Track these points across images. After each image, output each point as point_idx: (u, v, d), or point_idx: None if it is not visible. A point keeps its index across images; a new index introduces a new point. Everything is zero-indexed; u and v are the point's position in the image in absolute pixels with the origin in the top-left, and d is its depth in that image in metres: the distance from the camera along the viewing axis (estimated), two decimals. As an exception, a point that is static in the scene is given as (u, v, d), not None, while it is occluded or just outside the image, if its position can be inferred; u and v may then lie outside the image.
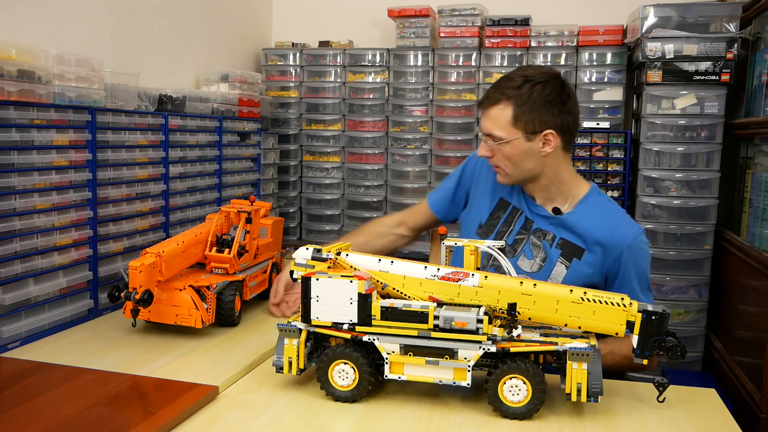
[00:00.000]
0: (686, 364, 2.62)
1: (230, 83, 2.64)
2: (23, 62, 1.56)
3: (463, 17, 2.99)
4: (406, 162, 3.09)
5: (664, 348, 1.16)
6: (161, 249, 1.51)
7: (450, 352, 1.19)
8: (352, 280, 1.21)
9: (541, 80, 1.50)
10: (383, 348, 1.22)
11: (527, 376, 1.17)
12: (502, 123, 1.50)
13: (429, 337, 1.19)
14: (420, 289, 1.26)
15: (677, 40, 2.54)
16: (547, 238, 1.58)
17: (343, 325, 1.23)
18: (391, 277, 1.28)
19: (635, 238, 1.53)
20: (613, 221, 1.56)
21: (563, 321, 1.21)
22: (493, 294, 1.22)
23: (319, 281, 1.23)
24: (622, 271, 1.53)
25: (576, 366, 1.16)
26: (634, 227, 1.56)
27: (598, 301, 1.18)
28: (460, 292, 1.24)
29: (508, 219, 1.63)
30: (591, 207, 1.59)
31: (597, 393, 1.16)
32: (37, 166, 1.60)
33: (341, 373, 1.23)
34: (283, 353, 1.26)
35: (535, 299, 1.21)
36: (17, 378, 1.30)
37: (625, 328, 1.18)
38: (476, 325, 1.17)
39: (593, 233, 1.54)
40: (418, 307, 1.20)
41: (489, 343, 1.17)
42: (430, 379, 1.21)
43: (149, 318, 1.56)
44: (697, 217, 2.57)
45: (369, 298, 1.21)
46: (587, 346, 1.16)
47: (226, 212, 1.72)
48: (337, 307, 1.23)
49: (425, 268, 1.27)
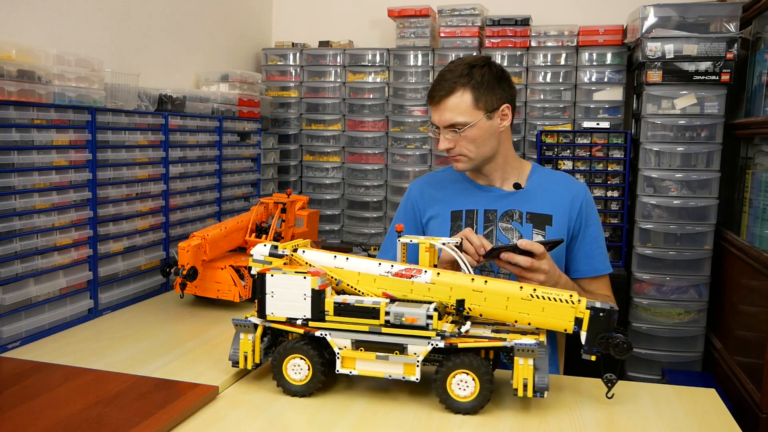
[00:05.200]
0: (686, 364, 2.63)
1: (230, 83, 2.64)
2: (23, 62, 1.56)
3: (463, 17, 2.99)
4: (406, 162, 3.09)
5: (610, 344, 1.18)
6: (206, 233, 1.78)
7: (400, 348, 1.21)
8: (305, 276, 1.24)
9: (483, 63, 1.60)
10: (335, 343, 1.24)
11: (475, 371, 1.18)
12: (464, 108, 1.57)
13: (379, 332, 1.22)
14: (374, 285, 1.29)
15: (677, 40, 2.54)
16: (515, 217, 1.64)
17: (297, 321, 1.26)
18: (346, 273, 1.31)
19: (587, 192, 1.69)
20: (565, 183, 1.70)
21: (513, 317, 1.23)
22: (445, 290, 1.25)
23: (274, 277, 1.26)
24: (584, 222, 1.65)
25: (522, 362, 1.17)
26: (582, 183, 1.72)
27: (548, 297, 1.21)
28: (413, 288, 1.27)
29: (468, 223, 1.66)
30: (541, 177, 1.71)
31: (543, 388, 1.17)
32: (37, 166, 1.60)
33: (295, 367, 1.26)
34: (238, 348, 1.29)
35: (486, 296, 1.23)
36: (17, 378, 1.30)
37: (574, 325, 1.20)
38: (426, 321, 1.19)
39: (554, 198, 1.66)
40: (370, 303, 1.22)
41: (438, 339, 1.19)
42: (381, 374, 1.23)
43: (195, 293, 1.81)
44: (697, 217, 2.57)
45: (322, 294, 1.24)
46: (534, 342, 1.17)
47: (266, 203, 1.92)
48: (291, 303, 1.25)
49: (379, 264, 1.29)
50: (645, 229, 2.62)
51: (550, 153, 2.80)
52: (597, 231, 1.67)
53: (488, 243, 1.42)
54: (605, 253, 1.67)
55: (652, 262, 2.62)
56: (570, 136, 2.79)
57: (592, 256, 1.65)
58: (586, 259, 1.65)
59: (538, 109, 2.95)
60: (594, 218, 1.67)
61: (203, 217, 2.30)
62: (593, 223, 1.67)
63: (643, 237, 2.63)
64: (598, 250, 1.66)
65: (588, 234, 1.65)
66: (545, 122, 2.92)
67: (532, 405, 1.25)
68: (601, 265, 1.66)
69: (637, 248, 2.63)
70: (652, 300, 2.62)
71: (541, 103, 2.94)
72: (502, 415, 1.21)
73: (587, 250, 1.65)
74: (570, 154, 2.78)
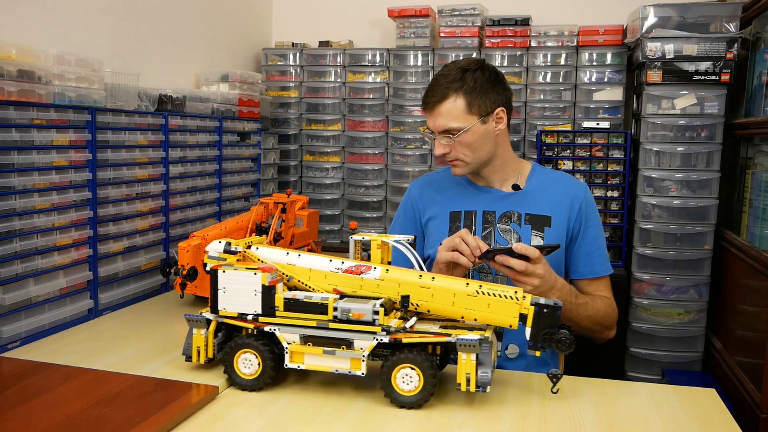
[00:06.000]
0: (686, 364, 2.62)
1: (230, 83, 2.64)
2: (23, 62, 1.56)
3: (463, 17, 2.99)
4: (406, 162, 3.09)
5: (553, 340, 1.20)
6: (206, 233, 1.78)
7: (347, 343, 1.23)
8: (256, 272, 1.26)
9: (476, 67, 1.59)
10: (284, 338, 1.26)
11: (419, 366, 1.20)
12: (457, 114, 1.57)
13: (327, 327, 1.23)
14: (325, 281, 1.30)
15: (677, 40, 2.54)
16: (514, 219, 1.64)
17: (247, 316, 1.28)
18: (297, 269, 1.32)
19: (587, 192, 1.68)
20: (564, 183, 1.69)
21: (460, 313, 1.25)
22: (393, 287, 1.26)
23: (226, 273, 1.29)
24: (584, 222, 1.65)
25: (465, 357, 1.19)
26: (582, 183, 1.71)
27: (493, 294, 1.22)
28: (362, 284, 1.28)
29: (466, 224, 1.66)
30: (541, 177, 1.70)
31: (485, 383, 1.19)
32: (37, 166, 1.60)
33: (246, 361, 1.28)
34: (192, 342, 1.33)
35: (433, 292, 1.25)
36: (17, 378, 1.30)
37: (518, 321, 1.21)
38: (372, 316, 1.21)
39: (553, 199, 1.65)
40: (318, 299, 1.24)
41: (383, 334, 1.21)
42: (328, 368, 1.25)
43: (195, 293, 1.81)
44: (697, 217, 2.57)
45: (273, 290, 1.26)
46: (477, 337, 1.18)
47: (266, 203, 1.92)
48: (242, 298, 1.28)
49: (330, 261, 1.31)
50: (645, 229, 2.62)
51: (550, 153, 2.80)
52: (597, 232, 1.66)
53: (484, 244, 1.42)
54: (605, 255, 1.67)
55: (652, 262, 2.61)
56: (570, 136, 2.79)
57: (591, 257, 1.65)
58: (585, 260, 1.65)
59: (538, 109, 2.95)
60: (594, 219, 1.67)
61: (203, 217, 2.30)
62: (593, 224, 1.66)
63: (643, 237, 2.62)
64: (597, 251, 1.65)
65: (587, 235, 1.65)
66: (545, 122, 2.92)
67: (532, 405, 1.26)
68: (600, 266, 1.65)
69: (637, 248, 2.63)
70: (652, 300, 2.62)
71: (541, 103, 2.94)
72: (502, 415, 1.21)
73: (586, 251, 1.65)
74: (570, 154, 2.78)
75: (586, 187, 1.69)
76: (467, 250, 1.41)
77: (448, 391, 1.30)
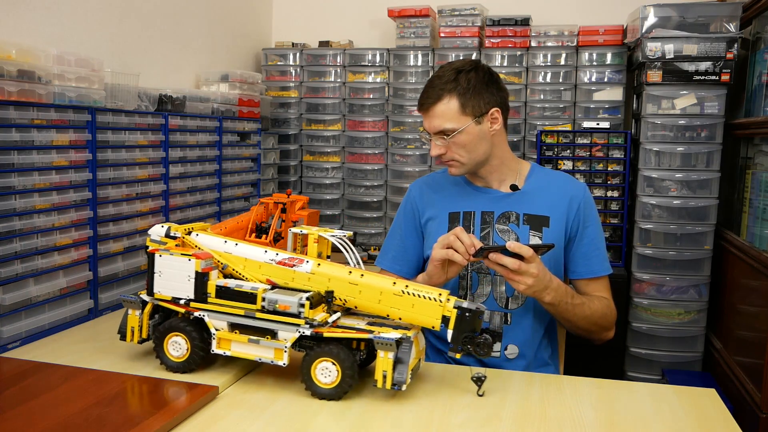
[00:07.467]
0: (686, 364, 2.62)
1: (230, 83, 2.64)
2: (23, 62, 1.56)
3: (463, 17, 2.99)
4: (406, 162, 3.09)
5: (473, 343, 1.22)
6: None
7: (271, 333, 1.26)
8: (191, 258, 1.30)
9: (470, 68, 1.59)
10: (212, 324, 1.30)
11: (337, 360, 1.22)
12: (451, 115, 1.57)
13: (254, 317, 1.26)
14: (259, 272, 1.33)
15: (677, 40, 2.54)
16: (512, 219, 1.64)
17: (180, 300, 1.32)
18: (233, 258, 1.35)
19: (586, 192, 1.68)
20: (563, 183, 1.69)
21: (386, 311, 1.27)
22: (323, 281, 1.29)
23: (162, 257, 1.32)
24: (583, 222, 1.64)
25: (383, 355, 1.21)
26: (581, 183, 1.71)
27: (418, 294, 1.24)
28: (294, 277, 1.30)
29: (465, 225, 1.66)
30: (540, 177, 1.70)
31: (401, 382, 1.21)
32: (37, 166, 1.60)
33: (174, 344, 1.32)
34: (126, 322, 1.37)
35: (360, 289, 1.27)
36: (17, 378, 1.30)
37: (440, 323, 1.23)
38: (298, 309, 1.24)
39: (551, 199, 1.65)
40: (248, 288, 1.27)
41: (306, 327, 1.23)
42: (252, 356, 1.28)
43: None
44: (697, 217, 2.57)
45: (206, 276, 1.30)
46: (395, 336, 1.20)
47: (266, 203, 1.91)
48: (176, 283, 1.31)
49: (265, 252, 1.33)
50: (645, 229, 2.62)
51: (550, 153, 2.80)
52: (596, 232, 1.66)
53: (478, 242, 1.43)
54: (604, 255, 1.66)
55: (652, 262, 2.62)
56: (570, 136, 2.79)
57: (589, 257, 1.64)
58: (583, 261, 1.64)
59: (538, 109, 2.95)
60: (593, 219, 1.66)
61: (203, 217, 2.30)
62: (592, 224, 1.66)
63: (643, 237, 2.63)
64: (596, 251, 1.65)
65: (586, 235, 1.64)
66: (545, 122, 2.92)
67: (532, 405, 1.26)
68: (598, 266, 1.65)
69: (637, 248, 2.63)
70: (652, 300, 2.62)
71: (541, 103, 2.94)
72: (502, 415, 1.21)
73: (585, 252, 1.64)
74: (570, 154, 2.78)
75: (585, 187, 1.69)
76: (462, 248, 1.42)
77: (448, 391, 1.30)
